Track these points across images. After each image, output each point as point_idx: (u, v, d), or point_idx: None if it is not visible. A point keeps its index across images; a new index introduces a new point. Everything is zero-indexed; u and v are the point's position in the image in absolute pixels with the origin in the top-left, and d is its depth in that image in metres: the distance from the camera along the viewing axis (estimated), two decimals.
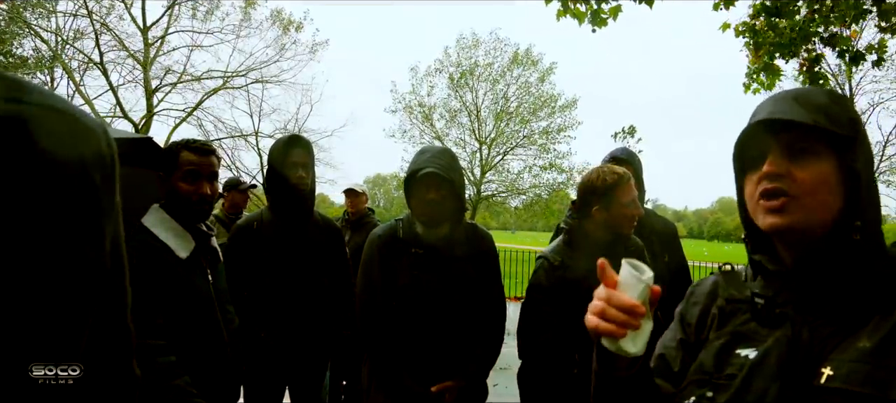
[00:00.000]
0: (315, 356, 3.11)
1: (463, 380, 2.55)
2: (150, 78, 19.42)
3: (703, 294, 1.25)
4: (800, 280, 1.05)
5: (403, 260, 2.57)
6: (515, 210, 28.08)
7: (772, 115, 1.06)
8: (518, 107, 24.84)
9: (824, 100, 1.05)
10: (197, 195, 2.22)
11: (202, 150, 2.25)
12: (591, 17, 6.03)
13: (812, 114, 1.02)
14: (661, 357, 1.24)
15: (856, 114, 1.06)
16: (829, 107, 1.03)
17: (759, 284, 1.13)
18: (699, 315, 1.22)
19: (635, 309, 1.01)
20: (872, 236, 1.01)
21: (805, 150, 1.03)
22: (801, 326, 1.01)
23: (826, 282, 1.02)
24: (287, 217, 3.04)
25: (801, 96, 1.06)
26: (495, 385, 3.09)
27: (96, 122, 0.88)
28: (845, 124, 1.02)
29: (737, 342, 1.08)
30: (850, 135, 1.01)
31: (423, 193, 2.52)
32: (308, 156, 3.05)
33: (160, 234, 2.18)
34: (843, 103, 1.07)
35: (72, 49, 18.65)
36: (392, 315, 2.54)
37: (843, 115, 1.03)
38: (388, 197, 76.28)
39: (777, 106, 1.08)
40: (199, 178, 2.22)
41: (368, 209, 5.46)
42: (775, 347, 1.01)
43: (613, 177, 2.46)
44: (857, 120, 1.04)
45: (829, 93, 1.08)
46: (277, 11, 20.65)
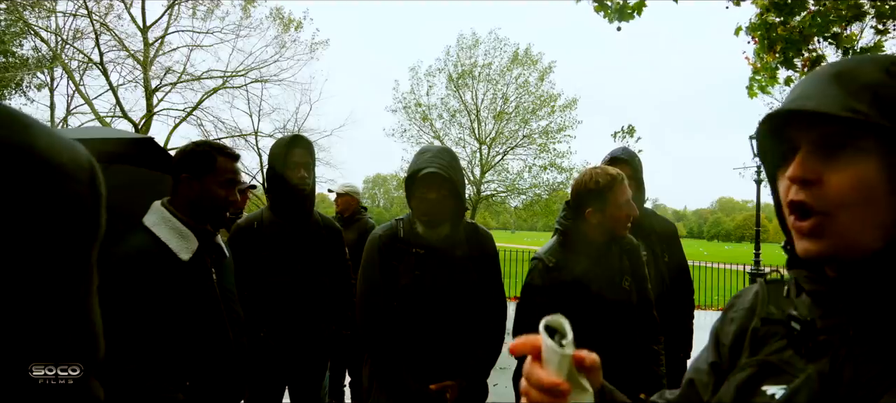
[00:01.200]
0: (315, 356, 3.11)
1: (463, 380, 2.55)
2: (150, 78, 19.42)
3: (741, 309, 1.02)
4: (846, 303, 0.81)
5: (404, 260, 2.57)
6: (515, 210, 28.07)
7: (794, 103, 0.82)
8: (517, 106, 24.84)
9: (877, 75, 0.77)
10: (228, 201, 2.29)
11: (236, 157, 2.33)
12: (618, 12, 6.07)
13: (851, 99, 0.76)
14: (690, 383, 1.05)
15: None
16: (880, 87, 0.76)
17: (805, 302, 0.89)
18: (735, 334, 1.00)
19: (557, 387, 0.82)
20: None
21: (843, 146, 0.78)
22: (844, 361, 0.79)
23: (878, 309, 0.78)
24: (287, 217, 3.04)
25: (844, 72, 0.79)
26: (495, 384, 3.08)
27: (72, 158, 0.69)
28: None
29: (765, 375, 0.88)
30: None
31: (424, 193, 2.52)
32: (309, 156, 3.06)
33: (162, 235, 2.17)
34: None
35: (72, 49, 18.65)
36: (393, 315, 2.54)
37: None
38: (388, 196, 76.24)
39: (808, 87, 0.82)
40: (233, 185, 2.29)
41: (361, 207, 5.45)
42: (805, 386, 0.80)
43: (607, 178, 2.44)
44: None
45: (887, 63, 0.78)
46: (277, 10, 20.65)
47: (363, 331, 2.59)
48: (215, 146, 2.31)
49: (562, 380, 0.82)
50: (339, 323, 3.17)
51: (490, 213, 33.18)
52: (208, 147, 2.29)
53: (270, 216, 3.05)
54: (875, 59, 0.80)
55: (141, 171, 2.79)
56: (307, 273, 3.01)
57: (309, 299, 3.01)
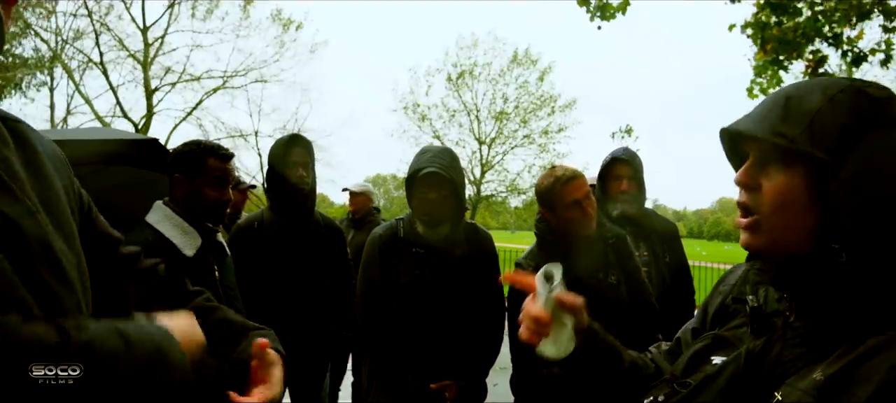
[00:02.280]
0: (315, 356, 3.11)
1: (462, 380, 2.55)
2: (150, 77, 19.42)
3: (729, 285, 1.16)
4: (781, 293, 0.96)
5: (404, 260, 2.57)
6: (515, 210, 28.06)
7: (739, 123, 0.97)
8: (517, 106, 24.85)
9: (817, 104, 0.88)
10: (220, 200, 2.27)
11: (227, 156, 2.31)
12: (600, 11, 6.07)
13: (786, 123, 0.88)
14: (678, 340, 1.23)
15: (858, 120, 0.86)
16: (818, 114, 0.87)
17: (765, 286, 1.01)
18: (718, 306, 1.14)
19: (539, 319, 1.09)
20: (868, 258, 0.83)
21: (777, 160, 0.90)
22: (775, 342, 0.91)
23: (806, 301, 0.91)
24: (288, 217, 3.04)
25: (794, 96, 0.91)
26: (495, 385, 3.08)
27: None
28: (829, 139, 0.85)
29: (717, 347, 1.01)
30: (822, 158, 0.85)
31: (424, 193, 2.52)
32: (308, 155, 3.05)
33: (166, 231, 2.18)
34: (840, 109, 0.86)
35: (72, 49, 18.67)
36: (393, 314, 2.54)
37: (832, 127, 0.85)
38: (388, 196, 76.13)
39: (759, 107, 0.96)
40: (225, 185, 2.28)
41: (374, 208, 5.41)
42: (735, 360, 0.93)
43: (549, 179, 2.43)
44: (852, 127, 0.85)
45: (835, 90, 0.89)
46: (277, 11, 20.65)
47: (363, 330, 2.60)
48: (206, 146, 2.30)
49: (546, 314, 1.09)
50: (339, 323, 3.17)
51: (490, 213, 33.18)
52: (198, 147, 2.29)
53: (271, 216, 3.05)
54: (826, 84, 0.91)
55: (143, 172, 2.79)
56: (307, 273, 3.01)
57: (309, 299, 3.00)
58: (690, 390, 0.97)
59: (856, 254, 0.83)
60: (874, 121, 0.85)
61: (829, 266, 0.85)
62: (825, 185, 0.85)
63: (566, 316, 1.11)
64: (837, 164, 0.84)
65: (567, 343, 1.11)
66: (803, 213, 0.87)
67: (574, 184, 2.37)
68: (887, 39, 6.92)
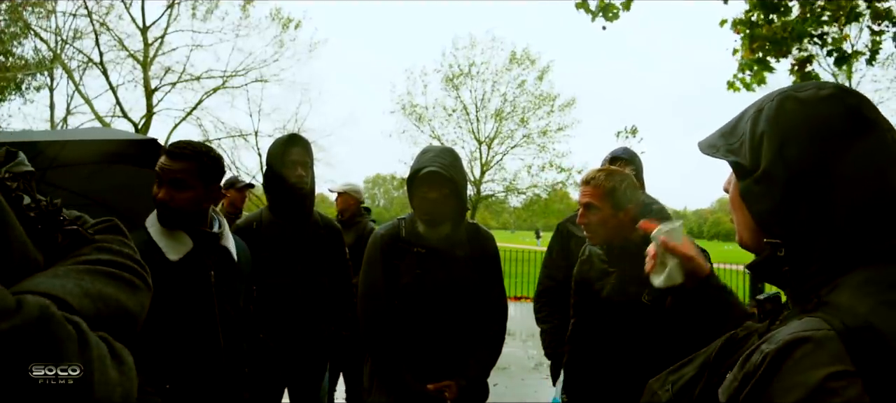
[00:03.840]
0: (314, 356, 3.10)
1: (463, 380, 2.55)
2: (150, 77, 19.43)
3: None
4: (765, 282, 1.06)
5: (406, 260, 2.57)
6: (514, 210, 28.09)
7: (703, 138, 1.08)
8: (515, 107, 24.87)
9: (749, 115, 0.97)
10: (159, 201, 2.18)
11: (169, 153, 2.20)
12: (603, 11, 6.07)
13: (726, 137, 1.01)
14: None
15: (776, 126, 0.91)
16: (747, 127, 0.95)
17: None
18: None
19: (650, 255, 1.54)
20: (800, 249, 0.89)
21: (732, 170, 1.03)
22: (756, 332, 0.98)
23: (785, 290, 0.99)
24: (287, 217, 3.03)
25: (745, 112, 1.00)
26: (495, 384, 3.08)
27: None
28: (748, 147, 0.94)
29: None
30: (741, 163, 0.95)
31: (425, 192, 2.52)
32: (307, 155, 3.04)
33: (154, 235, 2.18)
34: (765, 117, 0.93)
35: (71, 49, 18.68)
36: (394, 314, 2.54)
37: (752, 135, 0.94)
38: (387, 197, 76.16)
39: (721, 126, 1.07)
40: (160, 183, 2.17)
41: (363, 208, 5.36)
42: (714, 348, 1.02)
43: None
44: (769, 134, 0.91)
45: (763, 104, 0.96)
46: (276, 10, 20.68)
47: (364, 330, 2.59)
48: (167, 146, 2.25)
49: (650, 249, 1.55)
50: (338, 323, 3.17)
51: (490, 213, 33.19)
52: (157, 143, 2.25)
53: (270, 216, 3.04)
54: (767, 96, 0.98)
55: (143, 172, 2.79)
56: (307, 273, 3.00)
57: (308, 300, 3.00)
58: (682, 362, 1.06)
59: (791, 248, 0.90)
60: (797, 125, 0.89)
61: (774, 259, 0.93)
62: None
63: (668, 257, 1.48)
64: (753, 167, 0.93)
65: (671, 278, 1.46)
66: (740, 212, 1.00)
67: (582, 189, 2.37)
68: (874, 40, 6.98)
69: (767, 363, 0.78)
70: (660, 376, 1.10)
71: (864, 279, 0.83)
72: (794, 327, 0.80)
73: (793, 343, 0.77)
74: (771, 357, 0.77)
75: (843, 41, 6.98)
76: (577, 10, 6.09)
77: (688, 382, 1.00)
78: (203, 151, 2.24)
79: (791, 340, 0.77)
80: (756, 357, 0.80)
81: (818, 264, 0.88)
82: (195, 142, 2.33)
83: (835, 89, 0.91)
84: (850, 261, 0.85)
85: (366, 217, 5.26)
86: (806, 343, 0.76)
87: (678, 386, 1.01)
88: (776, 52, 6.86)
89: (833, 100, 0.89)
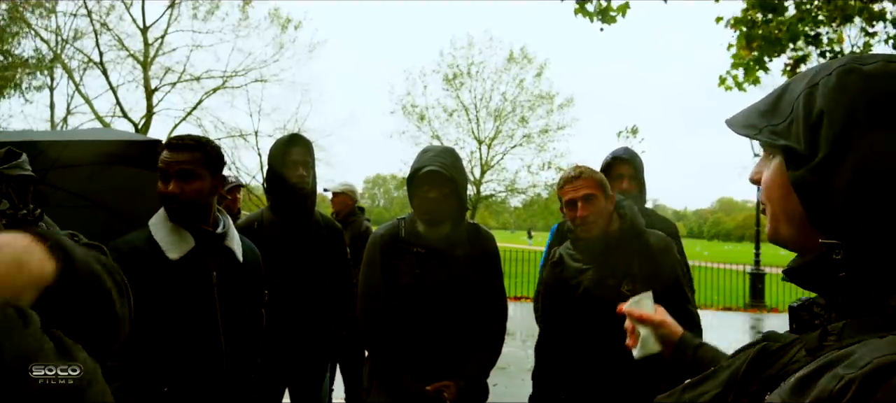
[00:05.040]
0: (315, 357, 3.10)
1: (463, 381, 2.55)
2: (150, 77, 19.43)
3: None
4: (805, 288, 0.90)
5: (405, 260, 2.57)
6: (514, 210, 28.10)
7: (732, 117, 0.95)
8: (515, 106, 24.88)
9: (798, 91, 0.82)
10: (162, 194, 2.16)
11: (172, 146, 2.18)
12: (601, 14, 6.09)
13: (769, 115, 0.86)
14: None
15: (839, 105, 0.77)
16: (797, 104, 0.82)
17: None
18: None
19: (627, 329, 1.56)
20: (861, 254, 0.77)
21: (767, 153, 0.89)
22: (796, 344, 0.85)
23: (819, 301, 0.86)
24: (287, 217, 3.03)
25: (789, 87, 0.86)
26: (495, 385, 3.08)
27: None
28: (801, 128, 0.80)
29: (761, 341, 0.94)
30: (795, 148, 0.80)
31: (425, 191, 2.52)
32: (308, 154, 3.04)
33: (155, 233, 2.17)
34: (821, 94, 0.79)
35: (72, 48, 18.67)
36: (394, 314, 2.54)
37: (806, 115, 0.80)
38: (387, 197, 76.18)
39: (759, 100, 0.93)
40: (167, 178, 2.15)
41: (358, 208, 5.35)
42: (742, 359, 0.89)
43: (559, 178, 2.44)
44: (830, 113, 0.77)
45: (816, 80, 0.81)
46: (275, 10, 20.69)
47: (363, 330, 2.59)
48: (165, 141, 2.23)
49: (628, 324, 1.55)
50: (339, 323, 3.17)
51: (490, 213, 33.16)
52: (160, 144, 2.23)
53: (270, 216, 3.04)
54: (816, 71, 0.83)
55: (144, 174, 2.79)
56: (307, 273, 3.00)
57: (309, 300, 3.00)
58: (701, 377, 0.94)
59: (851, 250, 0.76)
60: (863, 104, 0.76)
61: (827, 263, 0.79)
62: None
63: (641, 327, 1.50)
64: (810, 154, 0.79)
65: (646, 348, 1.48)
66: (787, 204, 0.84)
67: (574, 183, 2.34)
68: (866, 42, 7.03)
69: (854, 391, 0.64)
70: (672, 392, 0.99)
71: None
72: (881, 348, 0.67)
73: (884, 368, 0.64)
74: (858, 385, 0.64)
75: (840, 42, 7.03)
76: (576, 15, 6.12)
77: (711, 401, 0.88)
78: (205, 141, 2.25)
79: (884, 365, 0.64)
80: (830, 383, 0.67)
81: (883, 270, 0.75)
82: (193, 134, 2.32)
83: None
84: None
85: (360, 216, 5.26)
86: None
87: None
88: (771, 51, 6.89)
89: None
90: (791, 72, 7.31)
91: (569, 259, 2.47)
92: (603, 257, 2.36)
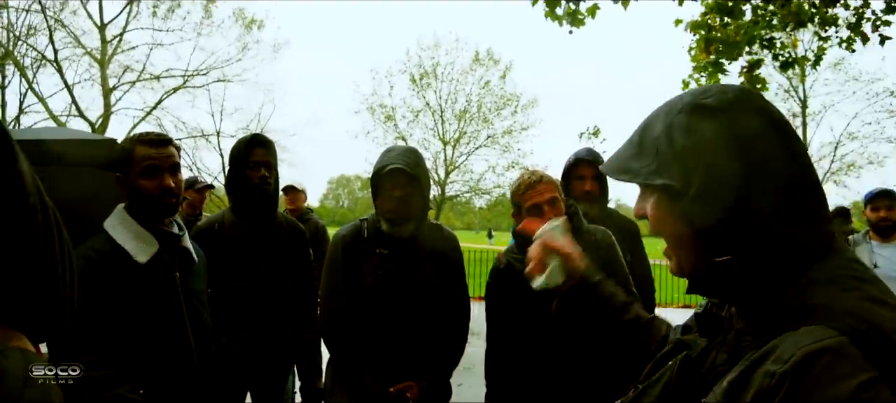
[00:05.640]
0: (277, 360, 3.07)
1: (425, 381, 2.55)
2: (108, 76, 18.96)
3: None
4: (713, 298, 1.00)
5: (368, 260, 2.56)
6: (479, 210, 28.23)
7: (606, 164, 1.03)
8: (480, 106, 24.98)
9: (660, 130, 0.92)
10: (159, 189, 2.12)
11: (158, 141, 2.15)
12: (570, 18, 6.15)
13: (636, 158, 0.94)
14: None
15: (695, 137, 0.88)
16: (659, 142, 0.91)
17: None
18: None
19: (529, 255, 1.52)
20: (755, 261, 0.86)
21: (643, 192, 0.98)
22: (717, 346, 0.93)
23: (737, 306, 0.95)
24: (250, 218, 2.99)
25: (648, 126, 0.96)
26: (459, 385, 3.09)
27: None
28: (671, 164, 0.89)
29: (677, 350, 1.01)
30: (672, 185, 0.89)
31: (389, 190, 2.51)
32: (270, 155, 3.00)
33: (118, 237, 2.11)
34: (677, 131, 0.89)
35: (24, 45, 18.10)
36: (356, 315, 2.53)
37: (670, 152, 0.90)
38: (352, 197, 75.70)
39: (625, 142, 1.00)
40: (159, 172, 2.12)
41: (307, 208, 5.33)
42: (670, 369, 0.96)
43: (516, 182, 2.47)
44: (690, 148, 0.88)
45: (669, 118, 0.92)
46: (239, 10, 20.40)
47: (325, 332, 2.58)
48: (135, 136, 2.19)
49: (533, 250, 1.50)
50: (302, 326, 3.13)
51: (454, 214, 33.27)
52: (128, 140, 2.19)
53: (232, 217, 3.00)
54: (667, 111, 0.93)
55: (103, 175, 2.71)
56: (270, 275, 2.97)
57: (271, 302, 2.96)
58: (633, 396, 1.00)
59: (742, 260, 0.85)
60: (710, 133, 0.87)
61: (726, 276, 0.88)
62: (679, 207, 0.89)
63: (551, 257, 1.46)
64: (685, 187, 0.87)
65: (552, 278, 1.45)
66: (674, 230, 0.92)
67: (538, 188, 2.36)
68: (820, 47, 7.27)
69: (788, 383, 0.71)
70: (626, 399, 1.04)
71: (827, 277, 0.81)
72: (801, 339, 0.74)
73: (809, 357, 0.71)
74: (790, 377, 0.71)
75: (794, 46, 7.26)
76: (546, 18, 6.17)
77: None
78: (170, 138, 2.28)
79: (807, 354, 0.71)
80: (764, 380, 0.73)
81: (772, 271, 0.84)
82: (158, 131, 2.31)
83: (739, 93, 0.90)
84: (801, 262, 0.84)
85: (312, 215, 5.24)
86: (824, 355, 0.70)
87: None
88: (729, 55, 7.06)
89: (742, 104, 0.88)
90: (748, 74, 7.51)
91: (518, 263, 2.47)
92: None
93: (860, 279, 0.81)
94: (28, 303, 0.75)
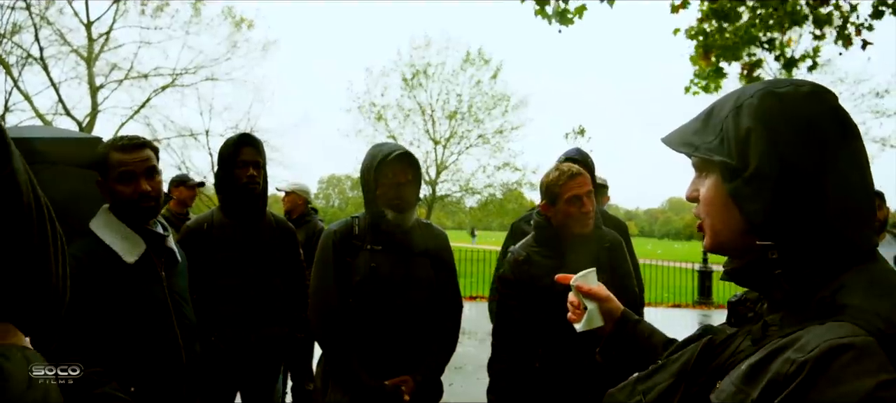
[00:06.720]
0: (267, 360, 3.06)
1: (419, 376, 2.55)
2: (95, 74, 18.81)
3: None
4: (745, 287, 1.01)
5: (359, 257, 2.55)
6: (470, 210, 28.25)
7: (666, 135, 1.05)
8: (471, 106, 24.99)
9: (727, 112, 0.94)
10: (136, 194, 2.13)
11: (131, 146, 2.16)
12: (559, 16, 6.20)
13: (702, 134, 0.96)
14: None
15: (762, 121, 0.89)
16: (726, 122, 0.93)
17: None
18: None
19: (571, 302, 1.60)
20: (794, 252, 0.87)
21: (702, 169, 1.00)
22: (743, 333, 0.93)
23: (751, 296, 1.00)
24: (239, 217, 2.98)
25: (715, 109, 0.98)
26: (451, 384, 3.09)
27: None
28: (733, 143, 0.91)
29: (702, 335, 1.01)
30: (728, 162, 0.91)
31: (393, 177, 2.53)
32: (259, 154, 2.99)
33: (106, 238, 2.12)
34: (746, 113, 0.90)
35: (9, 43, 17.91)
36: (348, 312, 2.52)
37: (735, 132, 0.91)
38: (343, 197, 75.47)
39: (687, 121, 1.03)
40: (134, 178, 2.14)
41: (311, 209, 5.30)
42: (691, 351, 0.97)
43: (555, 173, 2.49)
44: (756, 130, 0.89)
45: (742, 99, 0.93)
46: (228, 8, 20.30)
47: (316, 329, 2.57)
48: (109, 142, 2.20)
49: (573, 298, 1.60)
50: (292, 325, 3.12)
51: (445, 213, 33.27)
52: (103, 146, 2.20)
53: (221, 217, 2.98)
54: (738, 95, 0.95)
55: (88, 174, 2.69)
56: (259, 275, 2.96)
57: (261, 302, 2.95)
58: (651, 370, 1.02)
59: (784, 250, 0.87)
60: (780, 120, 0.88)
61: (764, 262, 0.89)
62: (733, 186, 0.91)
63: (588, 302, 1.53)
64: (742, 167, 0.89)
65: (590, 322, 1.51)
66: (725, 214, 0.94)
67: (578, 179, 2.45)
68: (816, 47, 7.33)
69: (806, 372, 0.72)
70: (624, 384, 1.06)
71: (867, 279, 0.82)
72: (826, 333, 0.75)
73: (833, 350, 0.72)
74: (810, 366, 0.72)
75: (787, 46, 7.31)
76: (536, 16, 6.22)
77: (664, 391, 0.96)
78: (148, 140, 2.28)
79: (831, 347, 0.72)
80: (783, 367, 0.75)
81: (813, 265, 0.85)
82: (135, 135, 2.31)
83: (814, 88, 0.91)
84: (844, 261, 0.84)
85: (314, 217, 5.21)
86: (848, 351, 0.71)
87: (652, 396, 0.97)
88: (729, 57, 7.12)
89: (816, 99, 0.89)
90: (747, 76, 7.55)
91: (538, 256, 2.52)
92: (581, 248, 2.43)
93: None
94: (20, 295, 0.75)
